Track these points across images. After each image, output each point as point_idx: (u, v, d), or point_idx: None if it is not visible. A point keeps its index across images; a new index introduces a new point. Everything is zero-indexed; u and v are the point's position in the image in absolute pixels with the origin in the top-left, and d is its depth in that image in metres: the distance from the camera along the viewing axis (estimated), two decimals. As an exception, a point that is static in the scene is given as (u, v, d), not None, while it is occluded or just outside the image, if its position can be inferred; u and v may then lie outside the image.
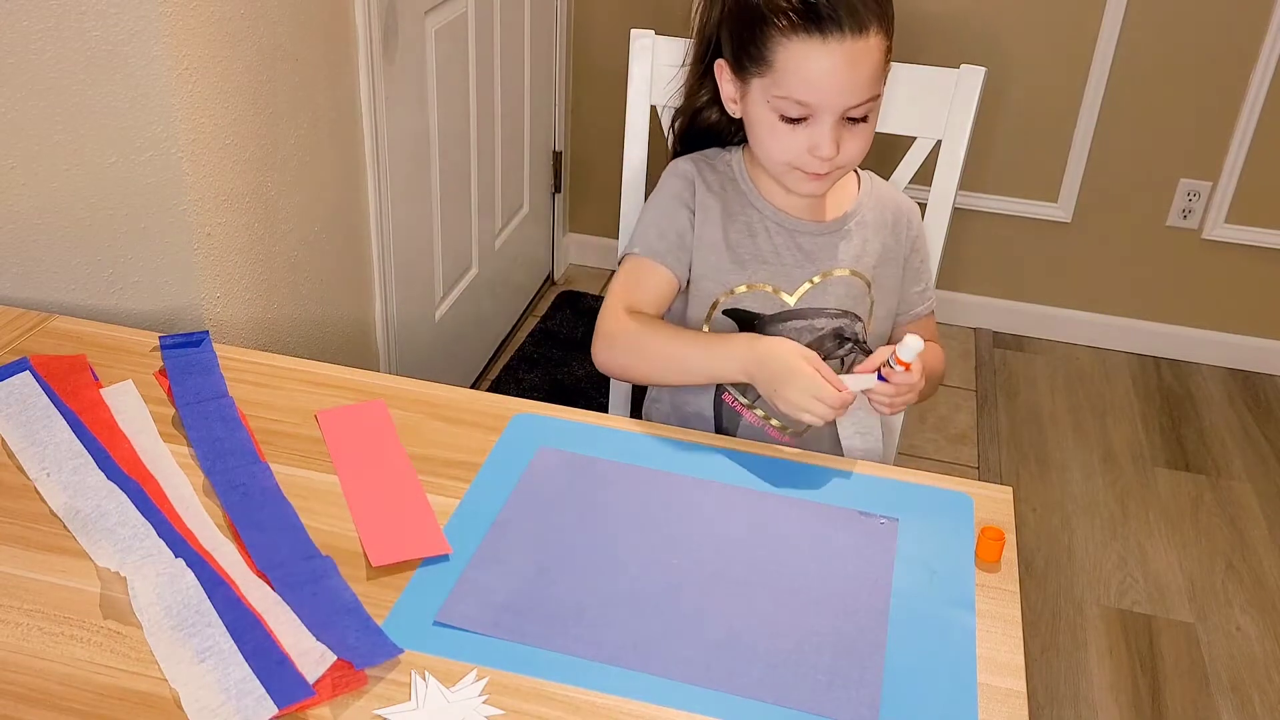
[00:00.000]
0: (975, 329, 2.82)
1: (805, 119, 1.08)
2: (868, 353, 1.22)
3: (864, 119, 1.09)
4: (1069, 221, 2.66)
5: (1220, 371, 2.71)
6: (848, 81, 1.05)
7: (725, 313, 1.19)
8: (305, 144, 1.55)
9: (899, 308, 1.26)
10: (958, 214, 1.32)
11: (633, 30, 1.30)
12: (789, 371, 1.04)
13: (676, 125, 1.25)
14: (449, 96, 2.02)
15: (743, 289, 1.18)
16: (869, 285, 1.20)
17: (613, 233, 1.40)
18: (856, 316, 1.21)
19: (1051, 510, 2.23)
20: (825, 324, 1.20)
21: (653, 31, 1.29)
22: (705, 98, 1.20)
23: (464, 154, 2.16)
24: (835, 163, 1.09)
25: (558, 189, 2.80)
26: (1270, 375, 2.70)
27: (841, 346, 1.21)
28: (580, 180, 2.86)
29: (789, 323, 1.19)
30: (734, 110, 1.15)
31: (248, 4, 1.35)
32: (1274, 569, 2.09)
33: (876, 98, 1.08)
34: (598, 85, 2.73)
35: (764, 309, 1.19)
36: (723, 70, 1.14)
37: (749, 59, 1.09)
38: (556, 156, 2.75)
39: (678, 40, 1.28)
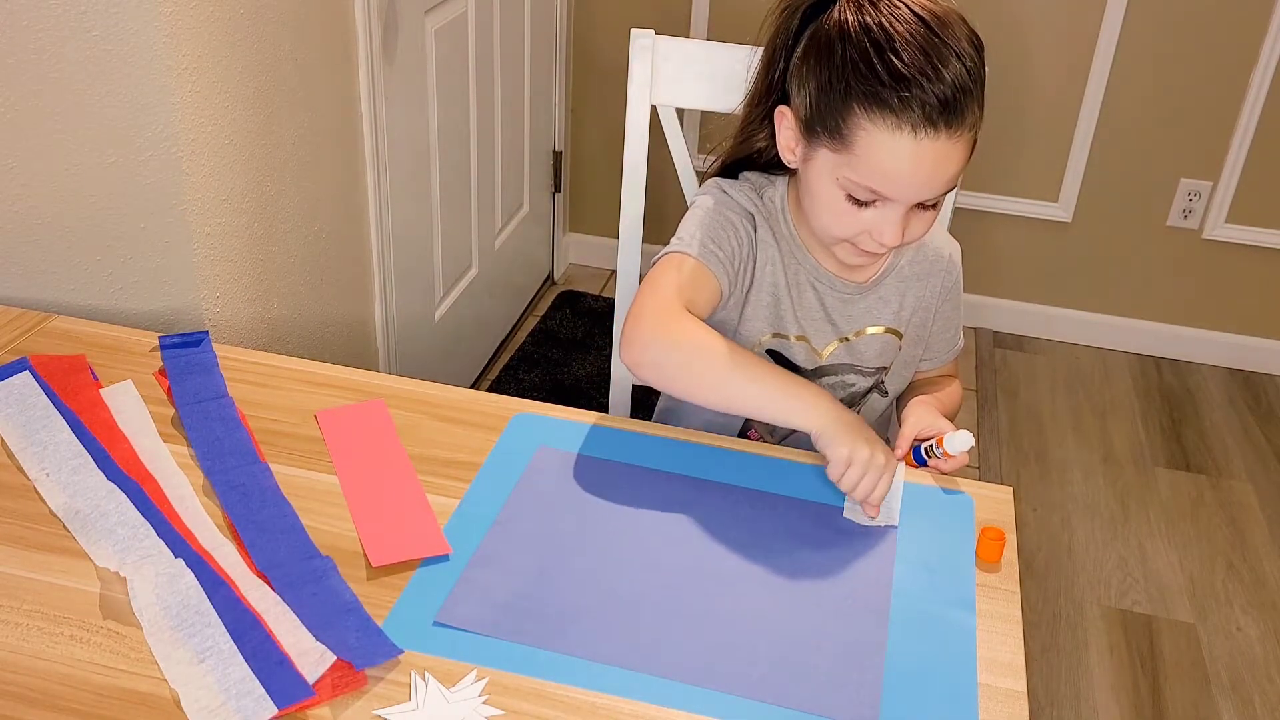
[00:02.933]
0: (975, 329, 2.82)
1: (874, 202, 0.99)
2: (885, 394, 1.21)
3: (935, 204, 1.01)
4: (1069, 221, 2.66)
5: (1220, 371, 2.71)
6: (930, 180, 0.97)
7: (768, 351, 1.14)
8: (305, 144, 1.55)
9: (928, 354, 1.21)
10: (958, 214, 1.32)
11: (633, 30, 1.30)
12: (876, 442, 0.95)
13: (722, 160, 1.16)
14: (449, 96, 2.02)
15: (786, 338, 1.13)
16: (900, 338, 1.16)
17: (613, 233, 1.40)
18: (885, 369, 1.18)
19: (1051, 510, 2.22)
20: (858, 381, 1.17)
21: (653, 31, 1.29)
22: (762, 143, 1.10)
23: (464, 154, 2.16)
24: (895, 246, 1.02)
25: (558, 189, 2.80)
26: (1270, 375, 2.70)
27: (867, 395, 1.20)
28: (580, 180, 2.86)
29: (822, 379, 1.16)
30: (790, 161, 1.06)
31: (248, 4, 1.35)
32: (1274, 569, 2.09)
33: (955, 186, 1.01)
34: (598, 85, 2.73)
35: (804, 363, 1.15)
36: (784, 118, 1.04)
37: (823, 128, 0.99)
38: (556, 156, 2.75)
39: (678, 40, 1.28)
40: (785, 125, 1.05)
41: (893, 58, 0.93)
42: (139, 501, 0.93)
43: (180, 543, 0.89)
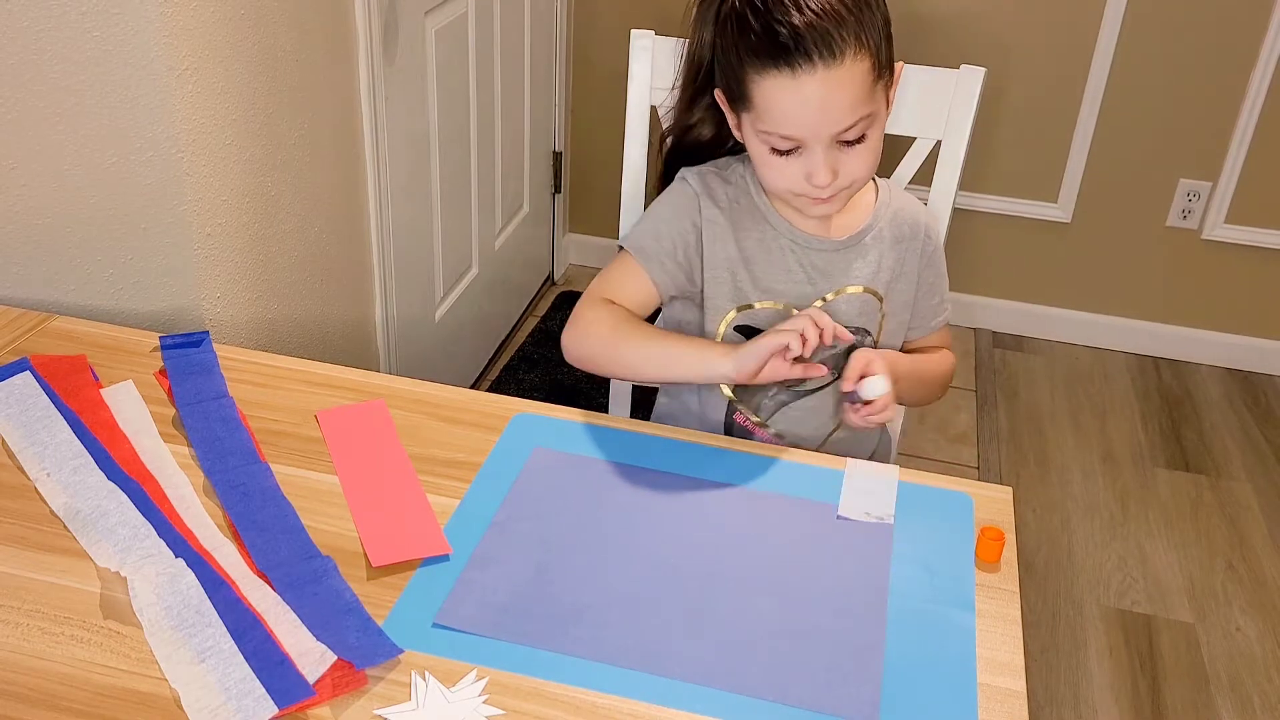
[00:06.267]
0: (975, 329, 2.82)
1: (796, 149, 1.05)
2: None
3: (861, 139, 1.06)
4: (1069, 221, 2.66)
5: (1220, 371, 2.71)
6: (825, 113, 1.02)
7: (737, 328, 1.17)
8: (305, 144, 1.55)
9: (914, 322, 1.24)
10: (958, 214, 1.32)
11: (633, 30, 1.30)
12: (791, 319, 1.05)
13: (665, 144, 1.23)
14: (449, 96, 2.02)
15: (755, 306, 1.17)
16: (881, 301, 1.19)
17: (613, 233, 1.40)
18: (867, 331, 1.19)
19: (1051, 510, 2.23)
20: (838, 343, 1.18)
21: (653, 31, 1.29)
22: (696, 118, 1.18)
23: (464, 154, 2.16)
24: (837, 185, 1.07)
25: (558, 189, 2.80)
26: (1270, 375, 2.71)
27: None
28: (580, 180, 2.86)
29: None
30: (737, 136, 1.14)
31: (248, 4, 1.35)
32: (1274, 569, 2.09)
33: (868, 116, 1.04)
34: (598, 85, 2.73)
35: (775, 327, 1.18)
36: (721, 99, 1.12)
37: (732, 96, 1.08)
38: (556, 156, 2.75)
39: (678, 40, 1.28)
40: (724, 105, 1.12)
41: (765, 14, 1.01)
42: (139, 501, 0.93)
43: (180, 543, 0.89)
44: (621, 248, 1.19)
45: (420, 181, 1.97)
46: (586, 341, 1.12)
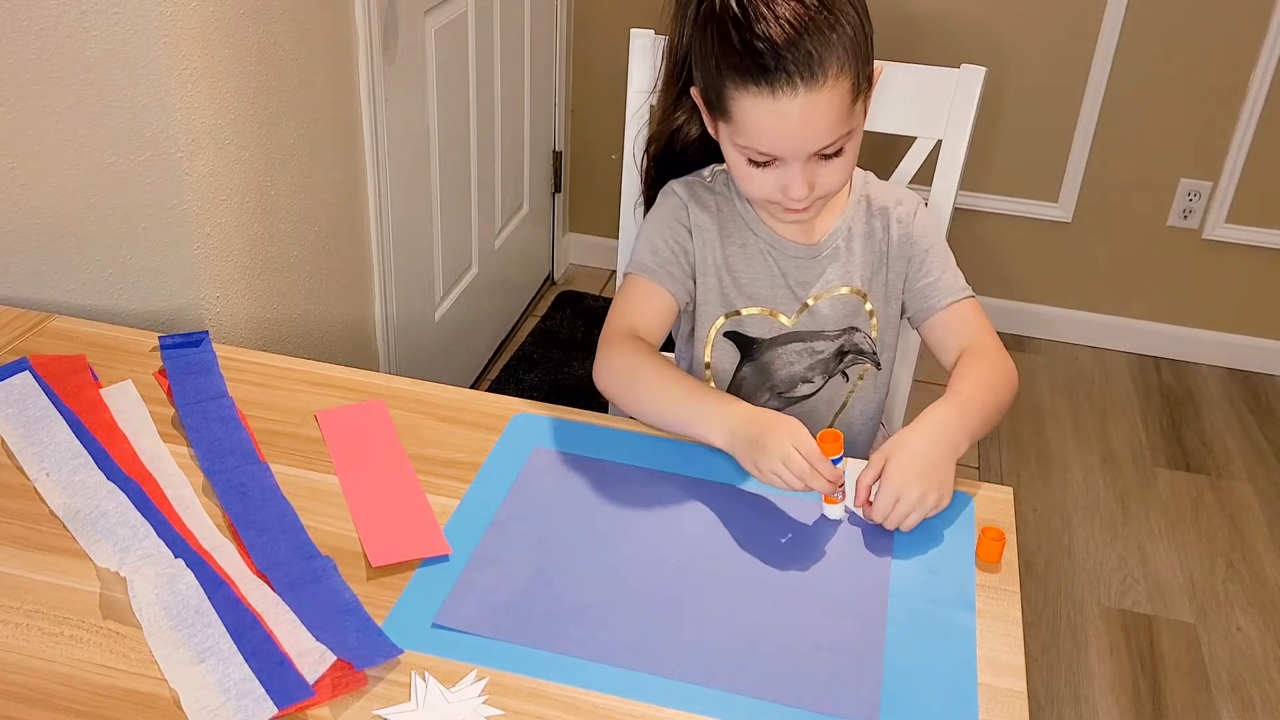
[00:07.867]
0: (975, 329, 2.82)
1: (773, 162, 1.05)
2: (876, 362, 1.22)
3: (838, 153, 1.05)
4: (1069, 221, 2.66)
5: (1220, 371, 2.71)
6: (805, 133, 1.01)
7: (725, 334, 1.18)
8: (305, 144, 1.55)
9: (914, 307, 1.18)
10: (958, 214, 1.32)
11: (633, 30, 1.30)
12: (776, 449, 0.95)
13: (651, 149, 1.21)
14: (449, 96, 2.02)
15: (742, 312, 1.17)
16: (865, 297, 1.18)
17: (613, 233, 1.40)
18: (856, 328, 1.19)
19: (1051, 510, 2.22)
20: (825, 346, 1.19)
21: (653, 31, 1.29)
22: (681, 118, 1.16)
23: (464, 154, 2.16)
24: (813, 196, 1.06)
25: (558, 189, 2.80)
26: (1270, 375, 2.70)
27: (842, 360, 1.21)
28: (580, 180, 2.86)
29: (789, 345, 1.18)
30: (713, 135, 1.12)
31: (248, 4, 1.35)
32: (1274, 569, 2.09)
33: (847, 134, 1.04)
34: (598, 85, 2.73)
35: (762, 333, 1.18)
36: (698, 100, 1.11)
37: (710, 105, 1.07)
38: (556, 156, 2.75)
39: (677, 40, 1.28)
40: (700, 107, 1.11)
41: (746, 27, 0.99)
42: (139, 501, 0.93)
43: (180, 543, 0.89)
44: (626, 274, 1.18)
45: (420, 181, 1.97)
46: (612, 381, 1.09)
